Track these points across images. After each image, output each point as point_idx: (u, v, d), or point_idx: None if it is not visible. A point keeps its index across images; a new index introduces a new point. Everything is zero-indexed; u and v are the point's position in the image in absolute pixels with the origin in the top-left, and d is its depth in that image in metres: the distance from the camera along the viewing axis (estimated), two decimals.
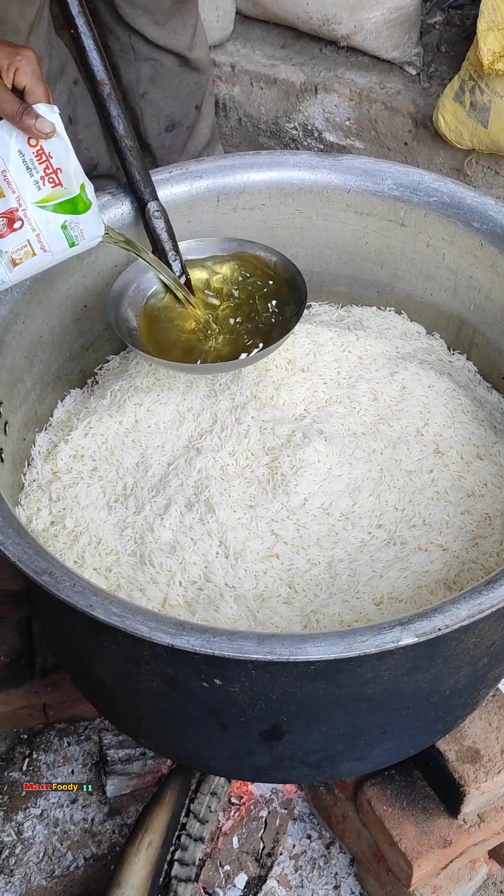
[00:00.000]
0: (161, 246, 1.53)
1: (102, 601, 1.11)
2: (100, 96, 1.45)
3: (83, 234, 1.34)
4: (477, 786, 1.49)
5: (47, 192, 1.28)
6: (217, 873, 1.67)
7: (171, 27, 2.32)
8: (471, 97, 2.43)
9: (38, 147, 1.26)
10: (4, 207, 1.27)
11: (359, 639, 1.08)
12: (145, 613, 1.11)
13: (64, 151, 1.28)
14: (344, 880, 1.72)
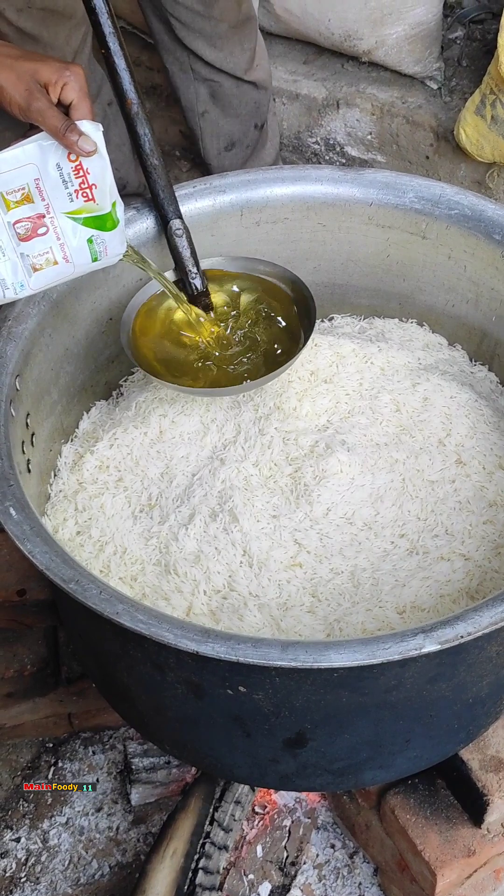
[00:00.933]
0: (182, 264, 1.54)
1: (128, 609, 1.12)
2: (127, 115, 1.46)
3: (107, 251, 1.36)
4: (501, 795, 1.49)
5: (79, 205, 1.30)
6: (241, 882, 1.67)
7: (228, 50, 2.34)
8: (492, 111, 2.43)
9: (77, 162, 1.27)
10: (32, 213, 1.28)
11: (382, 646, 1.08)
12: (171, 621, 1.12)
13: (102, 169, 1.29)
14: (368, 890, 1.72)
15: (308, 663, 1.07)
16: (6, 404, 1.34)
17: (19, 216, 1.27)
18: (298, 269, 1.69)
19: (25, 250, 1.30)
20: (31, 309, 1.45)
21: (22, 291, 1.32)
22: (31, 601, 1.81)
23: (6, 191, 1.25)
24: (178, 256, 1.54)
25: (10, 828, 1.81)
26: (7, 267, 1.29)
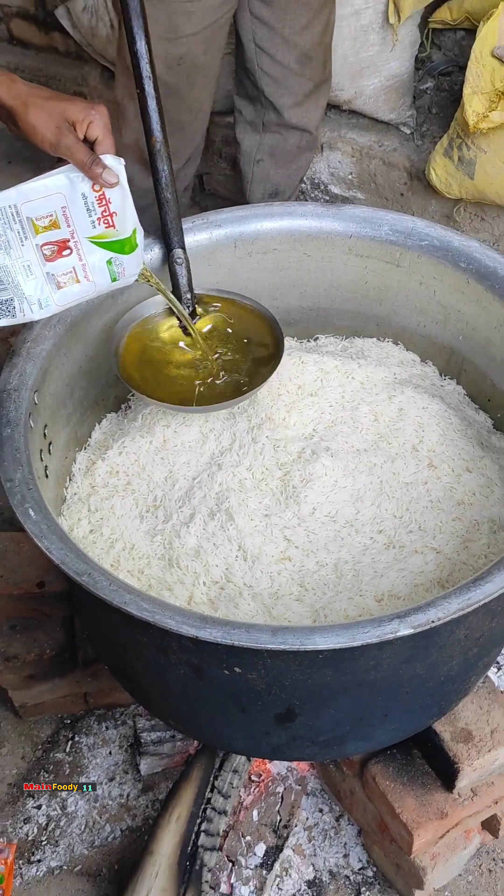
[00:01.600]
0: (179, 288, 1.54)
1: (135, 598, 1.12)
2: (151, 150, 1.46)
3: (125, 272, 1.36)
4: (470, 763, 1.49)
5: (101, 231, 1.30)
6: (239, 843, 1.67)
7: (306, 107, 2.31)
8: (458, 153, 2.44)
9: (100, 192, 1.28)
10: (58, 237, 1.28)
11: (361, 630, 1.09)
12: (173, 609, 1.12)
13: (122, 199, 1.30)
14: (352, 849, 1.72)
15: (295, 646, 1.08)
16: (26, 416, 1.34)
17: (46, 239, 1.28)
18: (286, 294, 1.71)
19: (51, 270, 1.30)
20: (47, 331, 1.45)
21: (47, 307, 1.32)
22: (50, 592, 1.81)
23: (36, 217, 1.26)
24: (176, 282, 1.54)
25: (32, 796, 1.81)
26: (35, 284, 1.30)
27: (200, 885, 1.60)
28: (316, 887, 1.68)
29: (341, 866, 1.70)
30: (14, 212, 1.24)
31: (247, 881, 1.65)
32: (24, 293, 1.29)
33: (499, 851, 1.72)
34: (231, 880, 1.65)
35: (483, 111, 2.29)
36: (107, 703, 1.90)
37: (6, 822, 1.78)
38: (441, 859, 1.58)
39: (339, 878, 1.69)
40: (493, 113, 2.29)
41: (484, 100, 2.29)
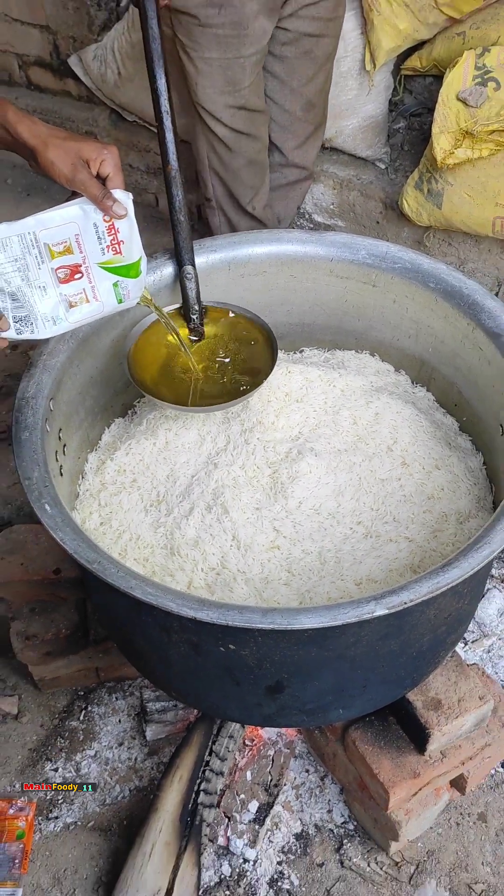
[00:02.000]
0: (188, 301, 1.54)
1: (140, 584, 1.12)
2: (167, 176, 1.47)
3: (129, 295, 1.36)
4: (439, 728, 1.49)
5: (109, 257, 1.30)
6: (234, 800, 1.67)
7: (306, 148, 2.33)
8: (428, 185, 2.44)
9: (110, 223, 1.28)
10: (71, 262, 1.28)
11: (342, 611, 1.08)
12: (174, 593, 1.12)
13: (129, 229, 1.30)
14: (335, 806, 1.71)
15: (283, 625, 1.08)
16: (42, 422, 1.33)
17: (61, 263, 1.27)
18: (275, 311, 1.70)
19: (64, 290, 1.30)
20: (62, 346, 1.44)
21: (60, 324, 1.32)
22: (65, 579, 1.80)
23: (52, 243, 1.25)
24: (186, 295, 1.54)
25: (50, 760, 1.80)
26: (49, 303, 1.29)
27: (200, 839, 1.59)
28: (303, 839, 1.68)
29: (325, 821, 1.70)
30: (33, 238, 1.24)
31: (241, 834, 1.64)
32: (39, 311, 1.29)
33: (466, 807, 1.72)
34: (227, 834, 1.64)
35: (449, 148, 2.29)
36: (116, 676, 1.89)
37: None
38: (414, 814, 1.57)
39: (324, 831, 1.69)
40: (458, 150, 2.29)
41: (450, 138, 2.30)
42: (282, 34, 2.08)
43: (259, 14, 1.94)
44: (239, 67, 1.98)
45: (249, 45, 1.97)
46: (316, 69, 2.16)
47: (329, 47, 2.17)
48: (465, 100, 2.28)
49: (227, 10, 1.88)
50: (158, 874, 1.53)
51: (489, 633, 1.96)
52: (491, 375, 1.48)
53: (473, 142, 2.26)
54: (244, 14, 1.91)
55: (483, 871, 1.64)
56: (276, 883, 1.62)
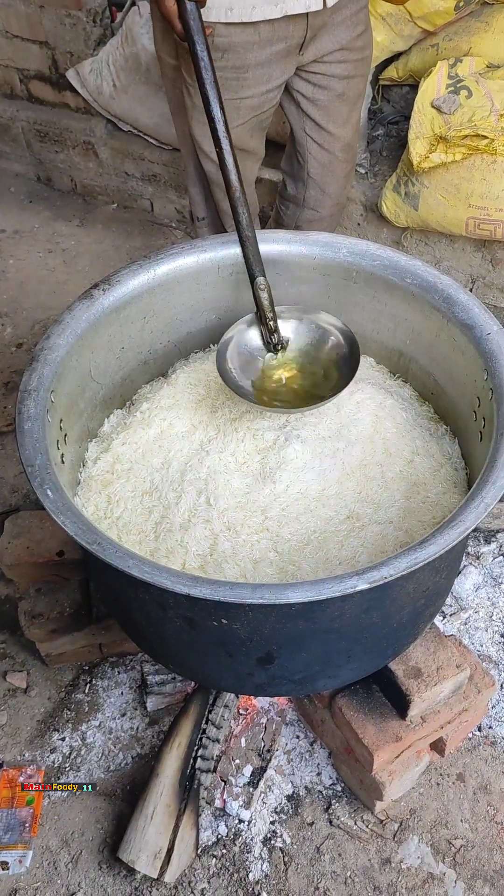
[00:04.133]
0: (263, 311, 1.52)
1: (137, 563, 1.11)
2: (231, 198, 1.46)
3: None
4: (419, 695, 1.49)
5: None
6: (230, 765, 1.67)
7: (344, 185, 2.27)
8: (405, 188, 2.43)
9: None
10: None
11: (326, 586, 1.08)
12: (169, 571, 1.11)
13: None
14: (324, 769, 1.72)
15: (272, 600, 1.07)
16: (44, 412, 1.32)
17: None
18: None
19: None
20: (61, 341, 1.43)
21: None
22: (69, 560, 1.79)
23: None
24: (260, 305, 1.51)
25: (57, 730, 1.80)
26: None
27: (198, 801, 1.60)
28: (294, 801, 1.68)
29: (315, 783, 1.70)
30: None
31: (237, 797, 1.65)
32: None
33: (445, 768, 1.72)
34: (224, 796, 1.65)
35: (425, 153, 2.29)
36: (118, 651, 1.89)
37: (35, 752, 1.77)
38: (397, 775, 1.58)
39: (314, 793, 1.69)
40: (432, 154, 2.28)
41: (425, 143, 2.29)
42: (313, 77, 1.99)
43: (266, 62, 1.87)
44: (233, 108, 1.92)
45: (248, 89, 1.90)
46: (349, 110, 2.08)
47: (360, 86, 2.08)
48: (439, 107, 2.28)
49: (229, 55, 1.82)
50: (160, 834, 1.53)
51: (466, 606, 1.96)
52: (464, 365, 1.47)
53: (447, 147, 2.26)
54: (246, 60, 1.84)
55: (462, 828, 1.65)
56: (269, 841, 1.62)
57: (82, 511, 1.27)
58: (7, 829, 1.65)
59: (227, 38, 1.79)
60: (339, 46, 1.93)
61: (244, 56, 1.84)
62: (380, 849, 1.62)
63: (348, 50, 1.96)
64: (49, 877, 1.61)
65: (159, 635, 1.37)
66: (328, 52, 1.94)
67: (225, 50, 1.82)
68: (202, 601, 1.09)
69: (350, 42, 1.94)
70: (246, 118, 1.97)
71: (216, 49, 1.82)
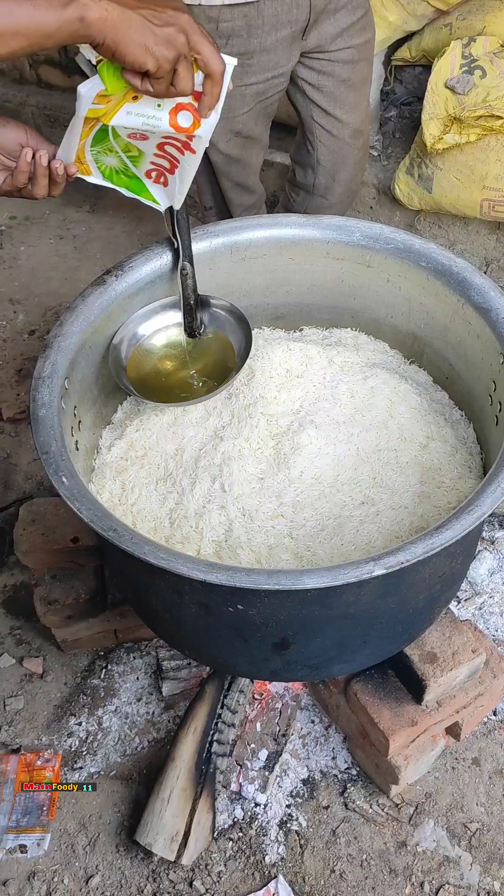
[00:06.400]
0: (188, 296, 1.51)
1: (153, 549, 1.11)
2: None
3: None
4: (435, 680, 1.49)
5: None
6: (245, 750, 1.68)
7: (355, 173, 2.24)
8: (418, 171, 2.41)
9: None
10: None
11: (343, 571, 1.08)
12: (185, 557, 1.11)
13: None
14: (339, 753, 1.72)
15: (288, 586, 1.07)
16: (58, 399, 1.33)
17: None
18: (275, 292, 1.68)
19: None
20: (75, 328, 1.42)
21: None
22: (83, 547, 1.80)
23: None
24: (185, 291, 1.50)
25: (74, 715, 1.81)
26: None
27: (214, 785, 1.61)
28: (309, 784, 1.69)
29: (330, 767, 1.71)
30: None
31: (252, 781, 1.66)
32: None
33: (460, 752, 1.73)
34: (239, 780, 1.66)
35: (438, 134, 2.26)
36: (133, 637, 1.90)
37: (53, 737, 1.79)
38: (412, 759, 1.58)
39: (329, 777, 1.70)
40: (446, 135, 2.26)
41: (439, 124, 2.27)
42: (317, 64, 1.97)
43: (271, 47, 1.85)
44: (239, 95, 1.90)
45: (253, 76, 1.88)
46: (356, 95, 2.05)
47: (365, 71, 2.06)
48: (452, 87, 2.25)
49: (234, 41, 1.79)
50: (176, 818, 1.55)
51: (481, 591, 1.96)
52: (480, 348, 1.46)
53: (461, 127, 2.23)
54: (251, 45, 1.82)
55: (477, 811, 1.66)
56: (285, 825, 1.63)
57: (97, 498, 1.27)
58: (25, 813, 1.66)
59: (231, 22, 1.78)
60: (340, 30, 1.92)
61: (248, 42, 1.82)
62: (395, 832, 1.63)
63: (350, 34, 1.94)
64: (67, 859, 1.63)
65: (175, 621, 1.37)
66: (330, 38, 1.92)
67: (229, 36, 1.80)
68: (218, 587, 1.09)
69: (351, 26, 1.93)
70: (251, 105, 1.96)
71: (220, 35, 1.80)
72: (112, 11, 1.01)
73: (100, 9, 1.01)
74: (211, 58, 1.13)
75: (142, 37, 1.04)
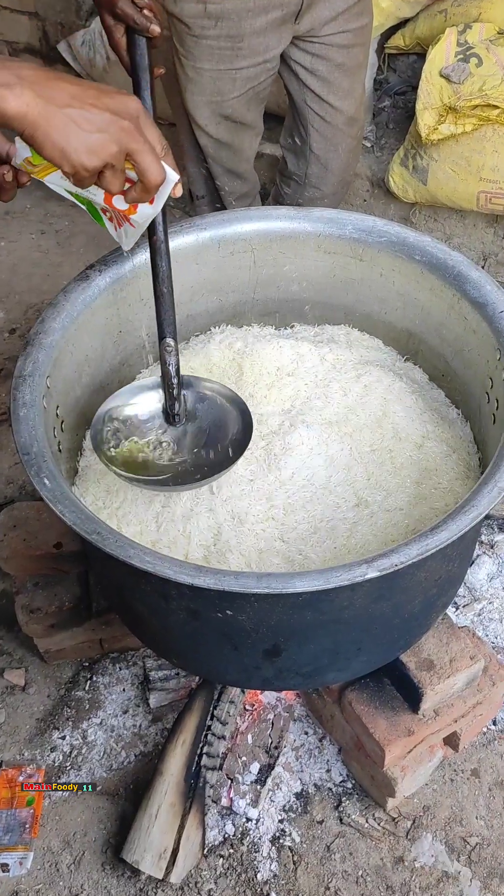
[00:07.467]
0: (168, 377, 1.40)
1: (138, 552, 1.12)
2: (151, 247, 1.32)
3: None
4: (432, 688, 1.50)
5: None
6: (236, 763, 1.68)
7: (348, 161, 2.25)
8: (413, 162, 2.43)
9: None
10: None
11: (335, 574, 1.08)
12: (171, 561, 1.11)
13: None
14: (333, 765, 1.73)
15: (278, 589, 1.08)
16: (40, 398, 1.33)
17: None
18: (265, 288, 1.69)
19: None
20: (56, 325, 1.43)
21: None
22: (67, 552, 1.80)
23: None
24: (165, 371, 1.39)
25: (58, 728, 1.81)
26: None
27: (204, 800, 1.61)
28: (303, 798, 1.69)
29: (324, 780, 1.72)
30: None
31: (244, 795, 1.66)
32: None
33: (459, 763, 1.73)
34: (230, 794, 1.66)
35: (433, 124, 2.28)
36: (119, 647, 1.90)
37: (35, 752, 1.79)
38: (409, 771, 1.59)
39: (323, 790, 1.70)
40: (441, 125, 2.27)
41: (434, 114, 2.28)
42: (311, 47, 1.99)
43: (262, 30, 1.86)
44: (229, 79, 1.91)
45: (244, 59, 1.90)
46: (351, 81, 2.07)
47: (361, 56, 2.07)
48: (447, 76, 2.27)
49: (223, 24, 1.80)
50: (164, 834, 1.55)
51: (479, 597, 1.97)
52: (476, 344, 1.48)
53: (457, 117, 2.25)
54: (241, 28, 1.83)
55: (477, 825, 1.66)
56: (278, 840, 1.64)
57: (81, 501, 1.27)
58: (7, 831, 1.66)
59: (220, 4, 1.79)
60: (335, 14, 1.93)
61: (239, 24, 1.83)
62: (392, 847, 1.63)
63: (346, 18, 1.95)
64: (51, 879, 1.63)
65: (162, 628, 1.38)
66: (324, 21, 1.93)
67: (219, 18, 1.81)
68: (206, 591, 1.09)
69: (347, 10, 1.94)
70: (242, 90, 1.97)
71: (209, 17, 1.81)
72: (34, 107, 0.94)
73: (20, 103, 0.93)
74: (148, 170, 1.05)
75: (62, 140, 0.96)
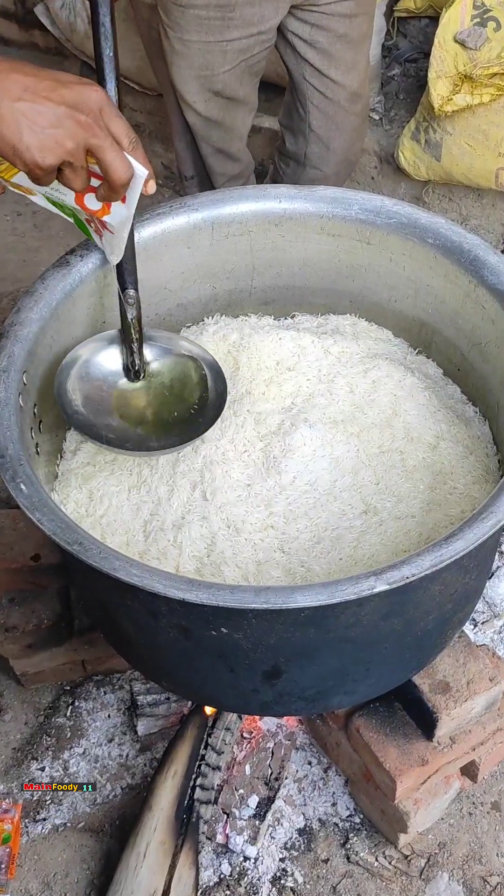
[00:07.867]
0: (128, 329, 1.43)
1: (124, 564, 1.11)
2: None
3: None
4: (448, 713, 1.50)
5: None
6: (233, 796, 1.69)
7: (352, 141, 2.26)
8: (425, 136, 2.43)
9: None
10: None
11: (340, 588, 1.08)
12: (160, 573, 1.11)
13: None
14: (340, 798, 1.73)
15: (278, 605, 1.08)
16: (16, 396, 1.33)
17: None
18: (263, 274, 1.69)
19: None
20: (33, 315, 1.43)
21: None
22: (45, 565, 1.80)
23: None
24: (126, 324, 1.42)
25: (36, 759, 1.82)
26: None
27: (197, 837, 1.61)
28: (307, 835, 1.69)
29: (330, 814, 1.72)
30: None
31: (241, 831, 1.66)
32: None
33: (478, 795, 1.74)
34: (226, 831, 1.66)
35: (447, 94, 2.29)
36: (104, 669, 1.90)
37: (12, 784, 1.79)
38: (423, 804, 1.59)
39: (329, 826, 1.71)
40: (456, 96, 2.28)
41: (448, 83, 2.29)
42: (311, 17, 1.99)
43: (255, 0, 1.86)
44: (219, 52, 1.91)
45: (234, 30, 1.90)
46: (354, 54, 2.07)
47: (365, 26, 2.07)
48: (463, 42, 2.27)
49: None
50: (154, 874, 1.55)
51: (500, 613, 1.97)
52: (495, 335, 1.48)
53: (473, 87, 2.26)
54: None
55: (498, 863, 1.67)
56: (279, 881, 1.64)
57: (61, 508, 1.27)
58: None
59: None
60: None
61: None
62: (405, 888, 1.63)
63: None
64: None
65: (151, 648, 1.38)
66: None
67: None
68: (199, 607, 1.09)
69: None
70: (234, 63, 1.97)
71: None
72: None
73: None
74: (111, 167, 1.06)
75: (14, 136, 0.97)
